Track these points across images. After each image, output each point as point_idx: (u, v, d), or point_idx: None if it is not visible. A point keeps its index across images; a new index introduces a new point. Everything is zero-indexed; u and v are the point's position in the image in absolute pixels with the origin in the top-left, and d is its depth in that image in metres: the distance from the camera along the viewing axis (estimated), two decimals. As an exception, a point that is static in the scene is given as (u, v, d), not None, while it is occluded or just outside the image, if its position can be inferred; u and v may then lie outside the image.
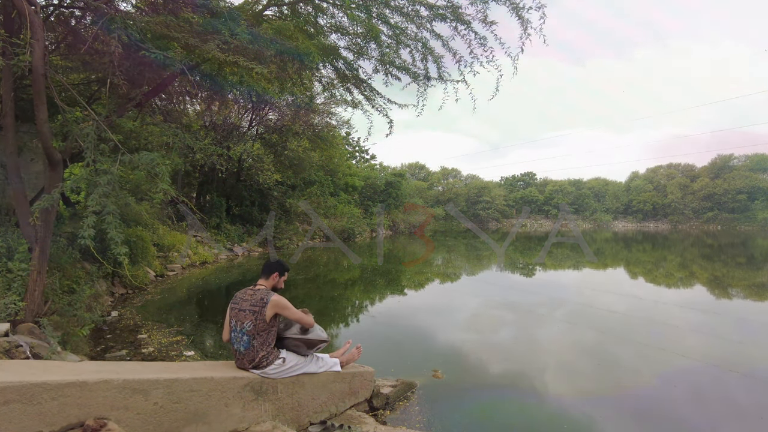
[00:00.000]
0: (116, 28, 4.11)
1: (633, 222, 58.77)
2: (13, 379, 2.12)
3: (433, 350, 5.38)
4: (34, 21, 3.77)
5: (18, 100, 4.70)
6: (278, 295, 2.99)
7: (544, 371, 4.77)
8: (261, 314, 2.90)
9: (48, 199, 3.69)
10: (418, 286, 10.74)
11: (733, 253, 20.46)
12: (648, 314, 7.58)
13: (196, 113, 15.52)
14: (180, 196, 4.86)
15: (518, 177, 67.02)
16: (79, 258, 6.46)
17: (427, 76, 6.27)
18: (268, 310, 2.90)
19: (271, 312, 2.92)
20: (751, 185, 51.54)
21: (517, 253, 20.16)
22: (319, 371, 3.26)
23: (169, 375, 2.59)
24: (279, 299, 2.96)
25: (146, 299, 7.54)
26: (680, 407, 3.96)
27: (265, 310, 2.89)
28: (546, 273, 13.64)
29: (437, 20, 5.60)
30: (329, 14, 6.02)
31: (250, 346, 2.92)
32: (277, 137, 18.55)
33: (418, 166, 64.38)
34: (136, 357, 4.69)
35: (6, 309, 3.81)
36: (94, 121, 4.07)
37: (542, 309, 7.99)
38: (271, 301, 2.91)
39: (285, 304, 2.97)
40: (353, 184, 28.62)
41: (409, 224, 34.39)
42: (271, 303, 2.91)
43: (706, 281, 11.82)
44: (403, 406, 3.75)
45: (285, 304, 2.98)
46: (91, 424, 2.22)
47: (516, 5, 5.13)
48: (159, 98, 7.57)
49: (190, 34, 4.66)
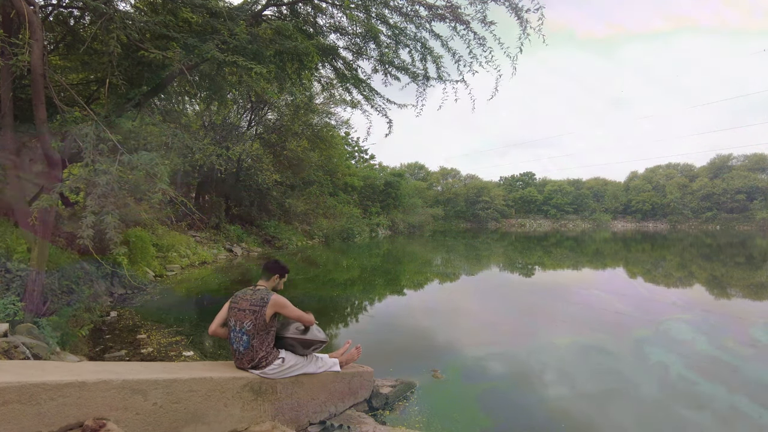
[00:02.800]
0: (115, 28, 4.10)
1: (632, 222, 58.82)
2: (11, 380, 2.12)
3: (432, 350, 5.39)
4: (33, 21, 3.76)
5: (17, 100, 4.69)
6: (278, 295, 3.00)
7: (544, 371, 4.78)
8: (261, 314, 2.90)
9: (47, 199, 3.68)
10: (417, 286, 10.74)
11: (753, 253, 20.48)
12: (641, 310, 7.59)
13: (195, 113, 15.51)
14: (179, 197, 4.86)
15: (517, 177, 67.08)
16: (77, 258, 6.46)
17: (426, 76, 6.27)
18: (268, 309, 2.90)
19: (271, 311, 2.92)
20: (749, 185, 51.62)
21: (516, 254, 20.18)
22: (319, 371, 3.26)
23: (168, 375, 2.59)
24: (278, 298, 2.97)
25: (145, 299, 7.53)
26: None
27: (265, 309, 2.90)
28: (545, 273, 13.65)
29: (436, 20, 5.60)
30: (328, 14, 6.02)
31: (249, 345, 2.91)
32: (276, 137, 18.55)
33: (418, 166, 64.43)
34: (136, 357, 4.68)
35: (5, 309, 3.81)
36: (92, 121, 4.07)
37: (541, 308, 7.99)
38: (271, 300, 2.92)
39: (284, 303, 2.98)
40: (352, 184, 28.63)
41: (408, 224, 34.40)
42: (271, 302, 2.91)
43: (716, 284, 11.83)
44: (403, 406, 3.75)
45: (284, 302, 2.98)
46: (91, 425, 2.22)
47: (515, 6, 5.13)
48: (158, 98, 7.56)
49: (189, 34, 4.66)
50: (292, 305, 3.04)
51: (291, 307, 3.03)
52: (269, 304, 2.91)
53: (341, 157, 27.14)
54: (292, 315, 3.04)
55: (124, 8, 5.33)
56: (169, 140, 5.95)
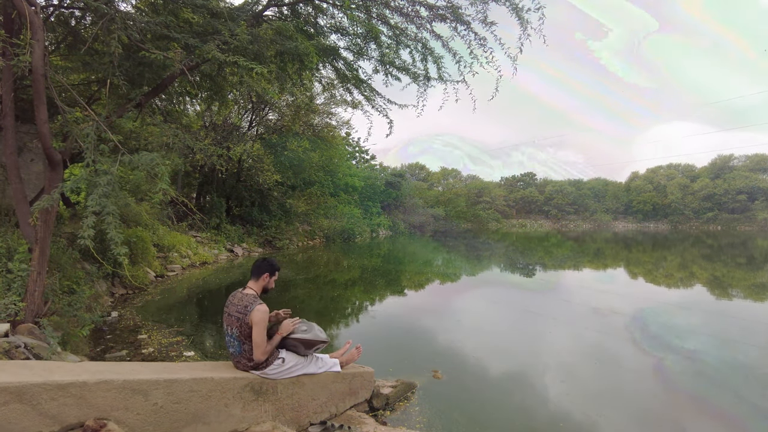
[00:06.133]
0: (116, 29, 4.10)
1: (633, 222, 58.72)
2: (12, 380, 2.12)
3: (432, 350, 5.38)
4: (34, 21, 3.77)
5: (18, 100, 4.70)
6: (260, 309, 2.85)
7: (545, 371, 4.77)
8: (244, 321, 2.88)
9: (48, 200, 3.68)
10: (418, 287, 10.74)
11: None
12: (642, 310, 7.58)
13: (196, 113, 15.52)
14: (180, 197, 4.86)
15: (518, 177, 67.02)
16: (78, 258, 6.46)
17: (427, 76, 6.26)
18: (249, 320, 2.86)
19: (251, 323, 2.87)
20: (751, 185, 51.50)
21: (518, 254, 20.15)
22: (319, 372, 3.26)
23: (169, 375, 2.59)
24: (256, 314, 2.83)
25: (146, 300, 7.53)
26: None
27: (247, 318, 2.86)
28: (546, 273, 13.64)
29: (437, 21, 5.60)
30: (329, 15, 6.02)
31: (241, 350, 2.92)
32: (277, 138, 18.55)
33: (418, 166, 64.38)
34: (136, 357, 4.69)
35: (6, 309, 3.81)
36: (93, 122, 4.07)
37: (541, 308, 7.98)
38: (251, 312, 2.85)
39: (257, 321, 2.84)
40: (353, 184, 28.59)
41: (409, 224, 34.38)
42: (251, 314, 2.85)
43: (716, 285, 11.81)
44: (403, 407, 3.75)
45: (257, 320, 2.84)
46: (91, 425, 2.22)
47: (515, 6, 5.13)
48: (159, 98, 7.57)
49: (189, 34, 4.66)
50: (262, 328, 2.86)
51: (259, 330, 2.85)
52: (250, 315, 2.85)
53: (342, 157, 27.12)
54: (254, 337, 2.86)
55: (125, 9, 5.34)
56: (170, 140, 5.94)
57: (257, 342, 2.86)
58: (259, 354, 2.88)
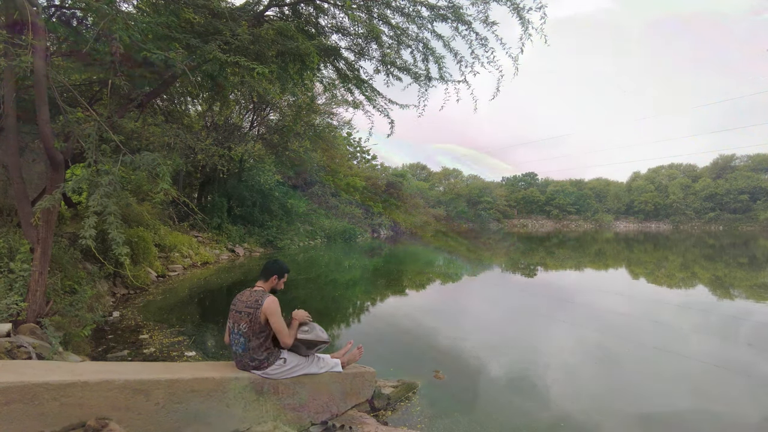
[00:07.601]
0: (117, 29, 4.11)
1: (634, 222, 58.63)
2: (14, 380, 2.13)
3: (434, 351, 5.37)
4: (36, 22, 3.77)
5: (20, 100, 4.70)
6: (272, 299, 2.94)
7: (546, 372, 4.76)
8: (255, 316, 2.89)
9: (50, 200, 3.69)
10: (419, 287, 10.73)
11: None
12: (644, 310, 7.56)
13: (197, 114, 15.55)
14: (181, 197, 4.87)
15: (519, 177, 66.98)
16: (80, 258, 6.47)
17: (428, 76, 6.26)
18: (261, 313, 2.88)
19: (264, 315, 2.89)
20: (753, 185, 51.39)
21: (519, 254, 20.13)
22: (321, 372, 3.26)
23: (170, 375, 2.59)
24: (270, 304, 2.91)
25: (148, 300, 7.54)
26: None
27: (258, 312, 2.88)
28: (547, 273, 13.62)
29: (438, 21, 5.60)
30: (330, 15, 6.02)
31: (246, 348, 2.92)
32: (278, 138, 18.57)
33: (420, 166, 64.41)
34: (138, 357, 4.69)
35: (8, 309, 3.82)
36: (95, 122, 4.08)
37: (543, 308, 7.97)
38: (264, 303, 2.89)
39: (273, 311, 2.90)
40: (354, 184, 28.62)
41: (410, 224, 34.38)
42: (263, 305, 2.89)
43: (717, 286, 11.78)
44: (405, 407, 3.74)
45: (273, 310, 2.90)
46: (93, 425, 2.22)
47: (516, 5, 5.12)
48: (160, 99, 7.59)
49: (191, 34, 4.67)
50: (279, 316, 2.94)
51: (277, 318, 2.93)
52: (262, 308, 2.88)
53: (343, 157, 27.17)
54: (274, 326, 2.93)
55: (126, 9, 5.35)
56: (171, 140, 5.97)
57: (279, 329, 2.93)
58: (285, 339, 2.95)
